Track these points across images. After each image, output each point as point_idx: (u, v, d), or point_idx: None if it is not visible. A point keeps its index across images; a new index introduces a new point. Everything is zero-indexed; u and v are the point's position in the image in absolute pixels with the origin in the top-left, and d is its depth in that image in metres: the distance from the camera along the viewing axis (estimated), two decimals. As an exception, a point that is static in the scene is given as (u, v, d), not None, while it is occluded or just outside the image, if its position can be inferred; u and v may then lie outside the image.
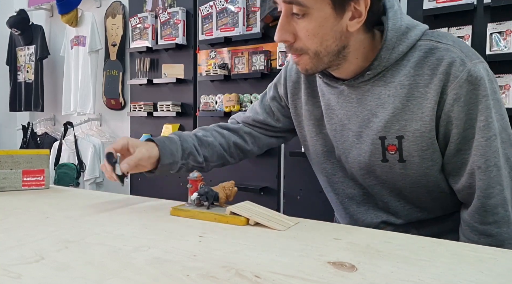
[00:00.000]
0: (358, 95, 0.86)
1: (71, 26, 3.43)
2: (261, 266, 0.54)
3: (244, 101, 2.67)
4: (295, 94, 1.01)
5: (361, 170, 0.90)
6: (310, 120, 0.98)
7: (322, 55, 0.79)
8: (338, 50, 0.79)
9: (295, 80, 1.01)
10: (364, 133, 0.87)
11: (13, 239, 0.66)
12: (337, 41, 0.78)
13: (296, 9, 0.76)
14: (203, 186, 0.85)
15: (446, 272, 0.52)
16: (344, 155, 0.93)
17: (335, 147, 0.95)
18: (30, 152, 1.15)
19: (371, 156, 0.86)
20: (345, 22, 0.77)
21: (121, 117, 3.42)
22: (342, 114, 0.90)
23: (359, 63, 0.83)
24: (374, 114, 0.84)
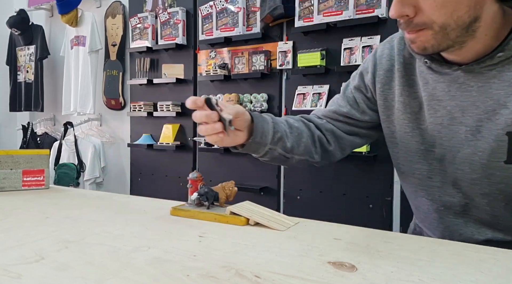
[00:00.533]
0: (479, 83, 0.72)
1: (71, 26, 3.43)
2: (261, 266, 0.54)
3: (244, 101, 2.67)
4: (386, 84, 0.88)
5: (473, 173, 0.76)
6: (405, 113, 0.85)
7: (450, 28, 0.67)
8: (469, 22, 0.66)
9: (388, 68, 0.87)
10: (485, 128, 0.73)
11: (13, 239, 0.66)
12: (470, 11, 0.65)
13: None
14: (203, 186, 0.85)
15: (446, 272, 0.52)
16: (451, 154, 0.79)
17: (439, 144, 0.80)
18: (30, 152, 1.15)
19: (491, 156, 0.73)
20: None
21: (121, 117, 3.42)
22: (452, 105, 0.77)
23: (487, 42, 0.70)
24: (502, 105, 0.71)
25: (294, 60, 2.46)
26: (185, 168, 2.98)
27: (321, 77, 2.41)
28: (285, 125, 0.89)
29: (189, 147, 2.98)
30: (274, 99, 2.60)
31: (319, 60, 2.32)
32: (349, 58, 2.27)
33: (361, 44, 2.23)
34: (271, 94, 2.60)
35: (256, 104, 2.62)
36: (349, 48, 2.28)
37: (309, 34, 2.42)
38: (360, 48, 2.23)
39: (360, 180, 2.33)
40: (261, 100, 2.61)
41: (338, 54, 2.32)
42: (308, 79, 2.45)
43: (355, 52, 2.25)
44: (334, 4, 2.27)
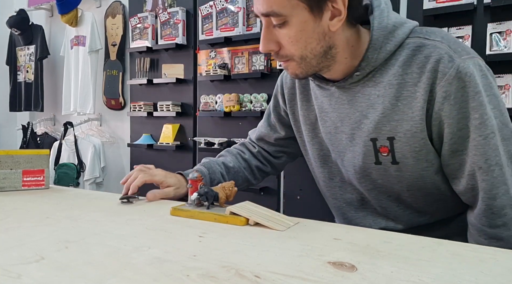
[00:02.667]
0: (349, 97, 0.85)
1: (71, 26, 3.43)
2: (261, 266, 0.54)
3: (244, 101, 2.67)
4: (292, 100, 1.02)
5: (356, 174, 0.89)
6: (306, 125, 0.98)
7: (309, 58, 0.79)
8: (324, 51, 0.79)
9: (291, 86, 1.01)
10: (357, 135, 0.86)
11: (13, 239, 0.66)
12: (321, 42, 0.77)
13: (275, 20, 0.76)
14: (203, 186, 0.85)
15: (446, 272, 0.52)
16: (340, 158, 0.92)
17: (331, 150, 0.94)
18: (30, 152, 1.15)
19: (364, 158, 0.85)
20: (325, 23, 0.76)
21: (121, 117, 3.42)
22: (335, 116, 0.89)
23: (349, 63, 0.82)
24: (365, 116, 0.83)
25: (294, 60, 2.46)
26: (185, 168, 2.97)
27: (321, 77, 2.40)
28: (221, 168, 1.08)
29: (189, 147, 2.98)
30: (274, 99, 2.60)
31: (319, 60, 2.32)
32: (349, 58, 2.27)
33: (361, 44, 2.23)
34: (271, 94, 2.60)
35: (256, 104, 2.62)
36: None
37: (309, 34, 2.42)
38: (360, 48, 2.23)
39: (360, 180, 2.32)
40: (261, 100, 2.61)
41: (338, 54, 2.32)
42: (308, 79, 2.45)
43: (355, 52, 2.25)
44: (334, 4, 2.27)
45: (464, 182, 0.79)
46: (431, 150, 0.80)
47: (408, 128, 0.78)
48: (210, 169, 1.05)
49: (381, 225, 0.92)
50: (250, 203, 0.83)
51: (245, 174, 1.12)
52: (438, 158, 0.81)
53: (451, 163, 0.80)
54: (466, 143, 0.76)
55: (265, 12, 0.76)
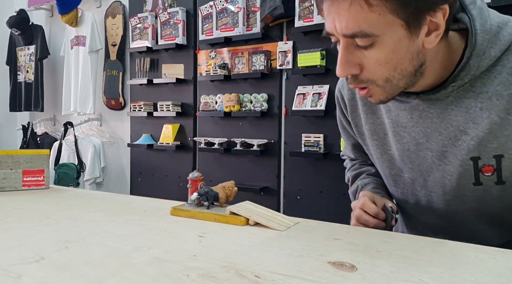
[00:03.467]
0: (438, 110, 0.74)
1: (71, 26, 3.43)
2: (261, 266, 0.54)
3: (244, 101, 2.67)
4: (353, 112, 0.90)
5: (446, 195, 0.79)
6: (373, 140, 0.87)
7: (396, 80, 0.68)
8: (415, 70, 0.68)
9: (350, 97, 0.89)
10: (450, 153, 0.75)
11: (13, 239, 0.66)
12: (413, 61, 0.67)
13: (362, 41, 0.64)
14: (203, 186, 0.85)
15: (446, 272, 0.52)
16: (422, 178, 0.81)
17: (408, 169, 0.83)
18: (30, 152, 1.15)
19: (460, 179, 0.75)
20: (421, 39, 0.65)
21: (121, 117, 3.42)
22: (417, 132, 0.78)
23: (439, 74, 0.71)
24: (463, 131, 0.72)
25: (294, 60, 2.46)
26: (185, 168, 2.98)
27: (321, 77, 2.41)
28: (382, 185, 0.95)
29: (189, 147, 2.98)
30: (274, 99, 2.60)
31: (319, 60, 2.32)
32: (349, 58, 2.27)
33: (361, 44, 2.23)
34: (271, 94, 2.60)
35: (256, 104, 2.62)
36: (349, 48, 2.27)
37: (309, 34, 2.42)
38: (360, 48, 2.23)
39: (360, 180, 2.32)
40: (261, 100, 2.61)
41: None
42: (308, 79, 2.45)
43: (355, 52, 2.25)
44: (334, 4, 2.26)
45: None
46: None
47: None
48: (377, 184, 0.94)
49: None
50: (250, 203, 0.83)
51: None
52: None
53: None
54: None
55: (350, 33, 0.64)
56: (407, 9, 0.61)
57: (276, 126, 2.60)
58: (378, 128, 0.85)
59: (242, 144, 2.63)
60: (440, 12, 0.63)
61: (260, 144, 2.58)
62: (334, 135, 2.36)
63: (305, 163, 2.51)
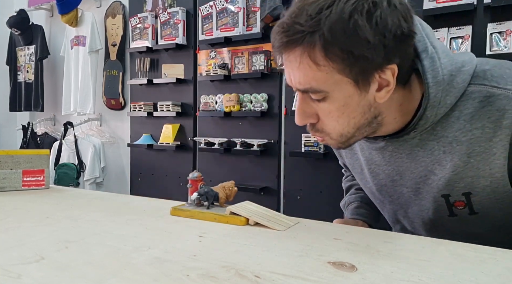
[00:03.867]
0: (407, 150, 0.76)
1: (71, 26, 3.43)
2: (261, 266, 0.54)
3: (244, 101, 2.67)
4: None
5: (425, 225, 0.82)
6: (355, 173, 0.92)
7: (351, 134, 0.71)
8: (369, 122, 0.70)
9: None
10: (423, 190, 0.78)
11: (13, 239, 0.66)
12: (366, 114, 0.69)
13: (314, 95, 0.67)
14: (203, 186, 0.85)
15: (446, 272, 0.52)
16: (403, 210, 0.85)
17: (389, 201, 0.86)
18: (30, 152, 1.15)
19: (436, 213, 0.78)
20: (372, 95, 0.67)
21: (121, 117, 3.42)
22: (390, 170, 0.80)
23: (400, 120, 0.73)
24: (431, 172, 0.75)
25: (294, 60, 2.46)
26: (185, 168, 2.98)
27: (321, 77, 2.40)
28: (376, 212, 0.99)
29: (189, 147, 2.98)
30: (274, 99, 2.60)
31: (319, 60, 2.32)
32: (349, 58, 2.27)
33: (361, 44, 2.23)
34: (271, 94, 2.60)
35: (256, 104, 2.62)
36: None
37: (309, 34, 2.42)
38: (360, 48, 2.23)
39: (360, 180, 2.32)
40: (261, 100, 2.61)
41: (338, 54, 2.32)
42: (308, 79, 2.45)
43: (355, 52, 2.25)
44: (334, 4, 2.26)
45: None
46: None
47: (487, 185, 0.71)
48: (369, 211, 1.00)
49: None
50: (250, 203, 0.83)
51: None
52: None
53: None
54: None
55: (302, 89, 0.68)
56: (352, 69, 0.63)
57: (276, 126, 2.60)
58: (356, 164, 0.89)
59: (242, 144, 2.63)
60: (388, 70, 0.65)
61: (260, 144, 2.58)
62: (334, 135, 2.36)
63: (305, 163, 2.51)
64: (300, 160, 2.52)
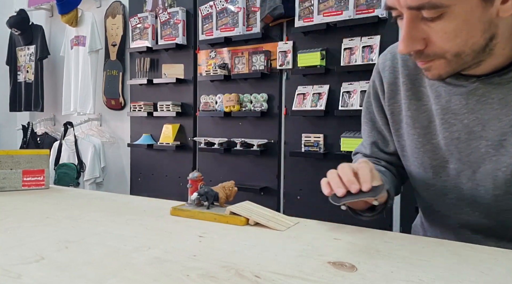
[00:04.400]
0: (501, 95, 0.68)
1: (71, 26, 3.43)
2: (261, 266, 0.54)
3: (244, 101, 2.67)
4: (391, 98, 0.84)
5: (496, 189, 0.73)
6: (414, 128, 0.81)
7: (465, 54, 0.63)
8: (486, 44, 0.62)
9: (391, 81, 0.83)
10: (509, 142, 0.70)
11: (13, 239, 0.66)
12: (485, 33, 0.61)
13: (429, 12, 0.59)
14: (203, 186, 0.85)
15: (446, 272, 0.52)
16: (471, 170, 0.75)
17: (456, 159, 0.76)
18: (30, 152, 1.15)
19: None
20: (496, 8, 0.59)
21: (121, 117, 3.42)
22: (471, 119, 0.72)
23: (505, 55, 0.65)
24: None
25: (294, 60, 2.46)
26: (185, 168, 2.98)
27: (321, 77, 2.41)
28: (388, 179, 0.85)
29: (189, 147, 2.98)
30: (274, 99, 2.60)
31: (319, 60, 2.32)
32: (349, 58, 2.27)
33: (361, 44, 2.23)
34: (271, 94, 2.60)
35: (256, 104, 2.62)
36: (349, 48, 2.28)
37: (309, 34, 2.42)
38: (360, 48, 2.23)
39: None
40: (261, 100, 2.61)
41: (338, 54, 2.32)
42: (308, 79, 2.45)
43: (355, 52, 2.25)
44: (334, 4, 2.27)
45: None
46: None
47: None
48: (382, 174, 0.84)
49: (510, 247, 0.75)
50: (250, 203, 0.83)
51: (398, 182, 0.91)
52: None
53: None
54: None
55: (417, 5, 0.59)
56: None
57: (276, 126, 2.60)
58: (422, 116, 0.79)
59: (242, 144, 2.63)
60: None
61: (260, 144, 2.58)
62: (334, 135, 2.36)
63: (305, 163, 2.51)
64: (300, 160, 2.52)
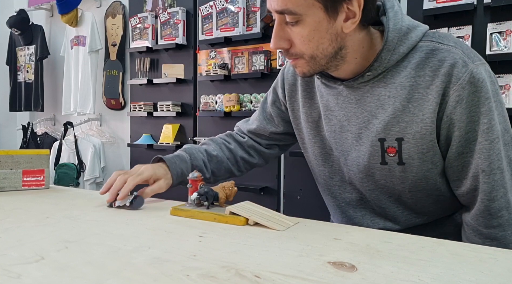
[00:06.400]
0: (357, 96, 0.85)
1: (71, 26, 3.43)
2: (261, 266, 0.54)
3: (244, 101, 2.67)
4: (292, 97, 1.01)
5: (360, 173, 0.89)
6: (308, 122, 0.97)
7: (319, 58, 0.79)
8: (335, 51, 0.79)
9: (292, 82, 1.01)
10: (364, 135, 0.86)
11: (13, 239, 0.66)
12: (333, 43, 0.78)
13: (289, 17, 0.76)
14: (203, 186, 0.85)
15: (446, 272, 0.52)
16: (343, 157, 0.92)
17: (334, 148, 0.94)
18: (30, 152, 1.15)
19: (370, 158, 0.86)
20: (339, 24, 0.76)
21: (121, 117, 3.42)
22: (341, 115, 0.89)
23: (359, 63, 0.83)
24: (374, 116, 0.84)
25: (294, 60, 2.46)
26: (185, 168, 2.98)
27: (321, 77, 2.41)
28: (203, 155, 1.05)
29: (189, 147, 2.98)
30: (274, 99, 2.60)
31: (319, 60, 2.32)
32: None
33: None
34: (271, 94, 2.60)
35: (256, 104, 2.62)
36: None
37: (309, 34, 2.42)
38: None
39: (360, 180, 2.32)
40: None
41: (338, 54, 2.32)
42: (308, 79, 2.45)
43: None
44: (334, 4, 2.27)
45: (467, 184, 0.81)
46: (437, 152, 0.81)
47: (418, 130, 0.79)
48: (192, 155, 1.03)
49: (379, 225, 0.93)
50: (250, 203, 0.83)
51: (228, 165, 1.10)
52: (442, 160, 0.83)
53: (455, 164, 0.81)
54: (473, 146, 0.78)
55: (280, 9, 0.76)
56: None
57: (276, 126, 2.60)
58: (314, 112, 0.96)
59: (242, 143, 2.63)
60: (355, 1, 0.74)
61: (260, 144, 2.58)
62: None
63: (305, 163, 2.50)
64: (300, 160, 2.52)
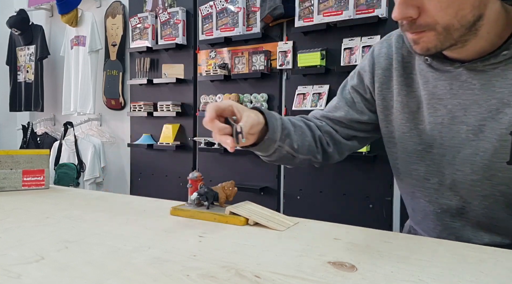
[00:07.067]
0: (482, 81, 0.71)
1: (71, 26, 3.43)
2: (261, 266, 0.54)
3: (244, 101, 2.67)
4: (384, 84, 0.86)
5: (473, 174, 0.74)
6: (403, 113, 0.83)
7: (454, 28, 0.66)
8: (474, 21, 0.66)
9: (385, 67, 0.86)
10: (488, 128, 0.71)
11: (13, 239, 0.66)
12: (474, 10, 0.65)
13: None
14: (203, 186, 0.85)
15: (446, 272, 0.52)
16: (451, 154, 0.77)
17: (438, 144, 0.79)
18: (30, 152, 1.15)
19: (494, 156, 0.71)
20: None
21: (121, 117, 3.42)
22: (454, 104, 0.75)
23: (489, 40, 0.69)
24: (506, 104, 0.69)
25: (294, 60, 2.46)
26: (185, 168, 2.98)
27: (321, 77, 2.41)
28: (289, 124, 0.86)
29: (189, 147, 2.98)
30: (274, 99, 2.60)
31: (319, 60, 2.32)
32: (349, 58, 2.27)
33: (361, 44, 2.23)
34: (271, 94, 2.60)
35: (256, 104, 2.62)
36: (349, 48, 2.28)
37: (309, 34, 2.42)
38: (360, 48, 2.23)
39: (360, 180, 2.33)
40: (261, 100, 2.61)
41: (338, 54, 2.32)
42: (308, 79, 2.45)
43: (355, 52, 2.25)
44: (334, 4, 2.27)
45: None
46: None
47: None
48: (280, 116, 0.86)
49: (484, 240, 0.77)
50: (250, 203, 0.83)
51: (311, 140, 0.90)
52: None
53: None
54: None
55: None
56: None
57: (276, 126, 2.60)
58: (411, 102, 0.82)
59: (242, 143, 2.63)
60: None
61: (260, 144, 2.58)
62: (334, 135, 2.36)
63: (305, 163, 2.51)
64: (300, 160, 2.52)
